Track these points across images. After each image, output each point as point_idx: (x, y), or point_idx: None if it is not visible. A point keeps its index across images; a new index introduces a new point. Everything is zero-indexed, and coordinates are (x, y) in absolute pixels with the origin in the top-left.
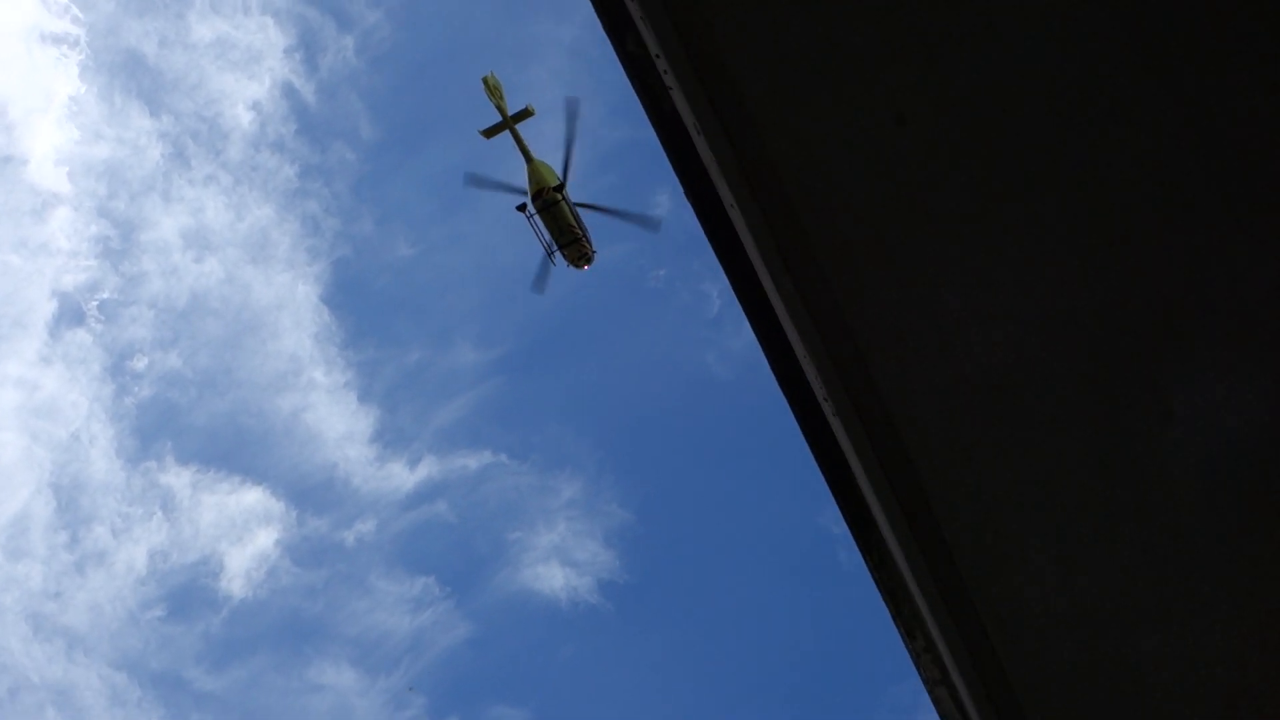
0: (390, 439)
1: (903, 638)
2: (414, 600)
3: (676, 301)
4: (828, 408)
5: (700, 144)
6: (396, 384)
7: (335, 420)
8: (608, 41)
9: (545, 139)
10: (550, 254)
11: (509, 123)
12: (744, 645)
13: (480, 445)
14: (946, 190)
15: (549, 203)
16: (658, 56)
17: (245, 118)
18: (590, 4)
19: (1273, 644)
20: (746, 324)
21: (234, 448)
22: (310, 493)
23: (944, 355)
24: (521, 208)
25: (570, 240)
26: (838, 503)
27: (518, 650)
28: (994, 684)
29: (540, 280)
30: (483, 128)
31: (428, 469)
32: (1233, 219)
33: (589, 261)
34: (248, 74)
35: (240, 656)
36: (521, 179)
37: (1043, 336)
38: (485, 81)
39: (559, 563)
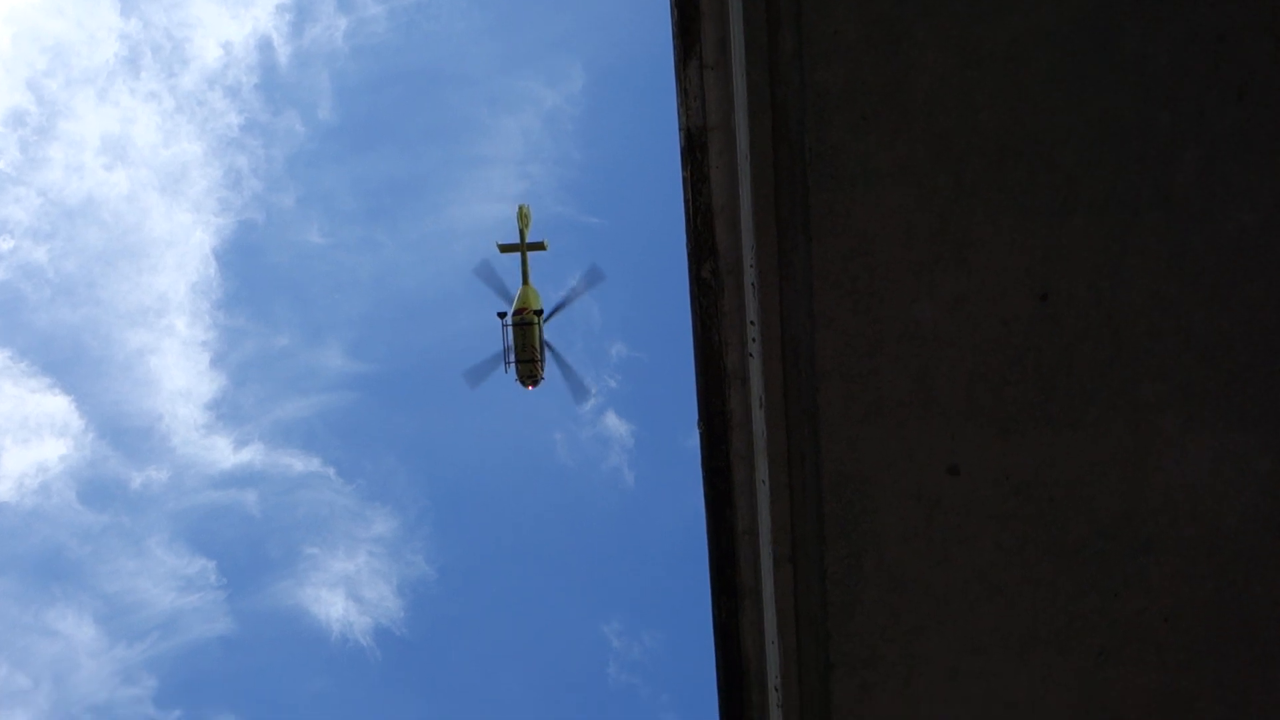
0: (226, 412)
1: None
2: (185, 579)
3: (552, 381)
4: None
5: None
6: (254, 361)
7: (179, 373)
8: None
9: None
10: (506, 363)
11: (524, 248)
12: None
13: (312, 451)
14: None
15: (525, 322)
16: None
17: (212, 53)
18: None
19: None
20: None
21: (64, 360)
22: (123, 433)
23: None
24: (502, 315)
25: (527, 359)
26: None
27: (269, 666)
28: None
29: (479, 374)
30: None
31: (251, 455)
32: None
33: (535, 384)
34: (232, 13)
35: None
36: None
37: None
38: (520, 209)
39: (344, 593)
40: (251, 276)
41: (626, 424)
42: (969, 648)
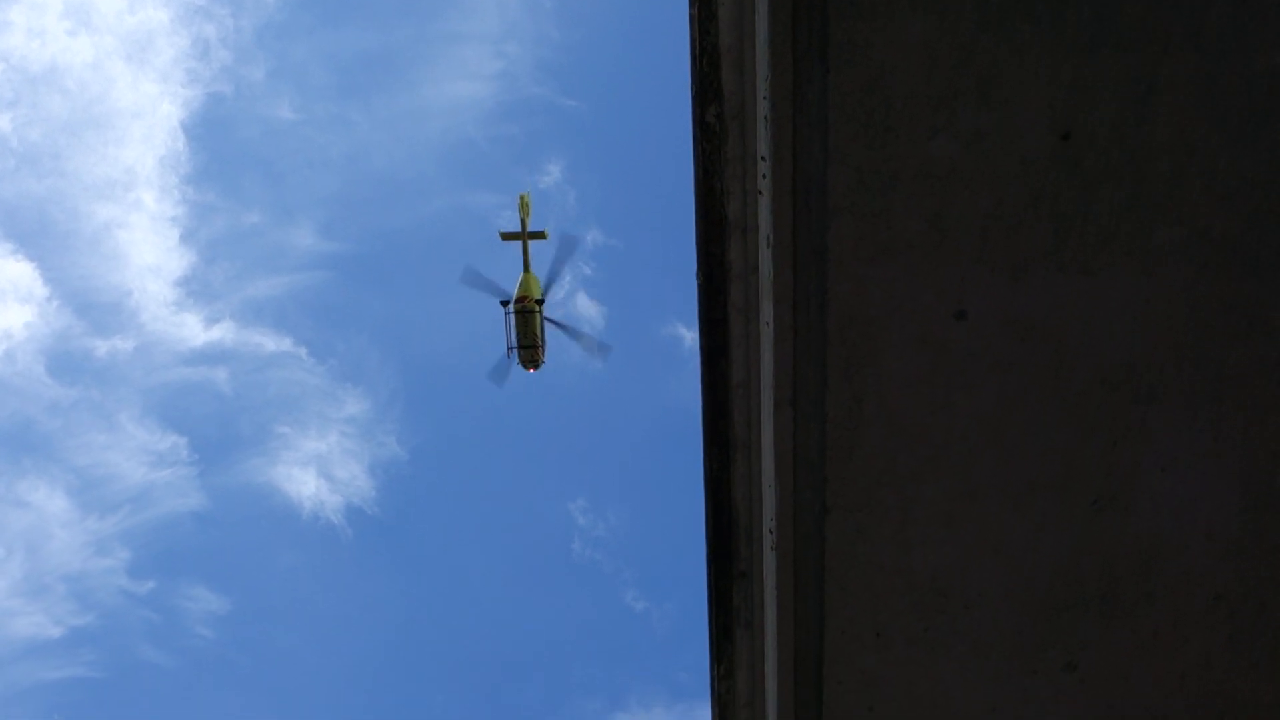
0: (196, 289)
1: None
2: (157, 454)
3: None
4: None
5: None
6: (224, 238)
7: (148, 249)
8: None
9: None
10: (510, 350)
11: (524, 236)
12: (458, 619)
13: (283, 330)
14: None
15: (527, 310)
16: None
17: None
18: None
19: None
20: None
21: (30, 231)
22: (90, 308)
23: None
24: (505, 303)
25: (529, 345)
26: None
27: (241, 541)
28: None
29: (499, 374)
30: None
31: (222, 333)
32: None
33: (536, 367)
34: None
35: None
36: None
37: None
38: (521, 198)
39: (316, 472)
40: (221, 151)
41: (598, 306)
42: (965, 493)
